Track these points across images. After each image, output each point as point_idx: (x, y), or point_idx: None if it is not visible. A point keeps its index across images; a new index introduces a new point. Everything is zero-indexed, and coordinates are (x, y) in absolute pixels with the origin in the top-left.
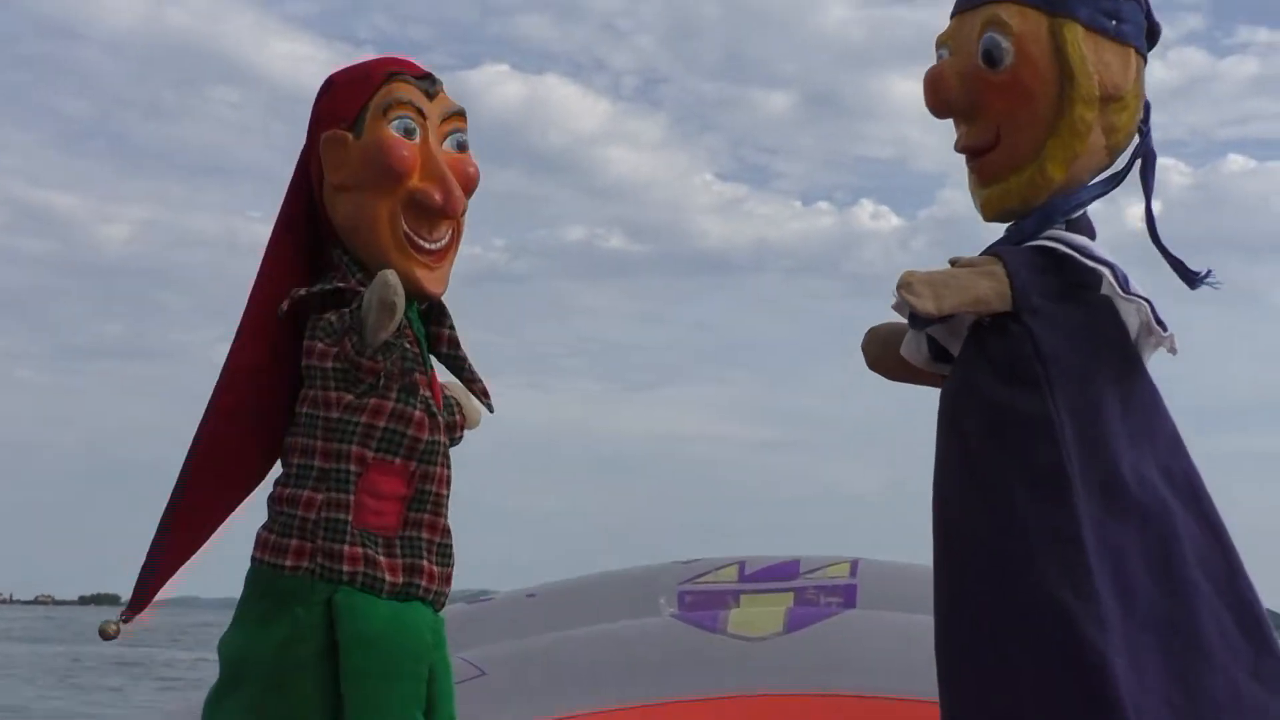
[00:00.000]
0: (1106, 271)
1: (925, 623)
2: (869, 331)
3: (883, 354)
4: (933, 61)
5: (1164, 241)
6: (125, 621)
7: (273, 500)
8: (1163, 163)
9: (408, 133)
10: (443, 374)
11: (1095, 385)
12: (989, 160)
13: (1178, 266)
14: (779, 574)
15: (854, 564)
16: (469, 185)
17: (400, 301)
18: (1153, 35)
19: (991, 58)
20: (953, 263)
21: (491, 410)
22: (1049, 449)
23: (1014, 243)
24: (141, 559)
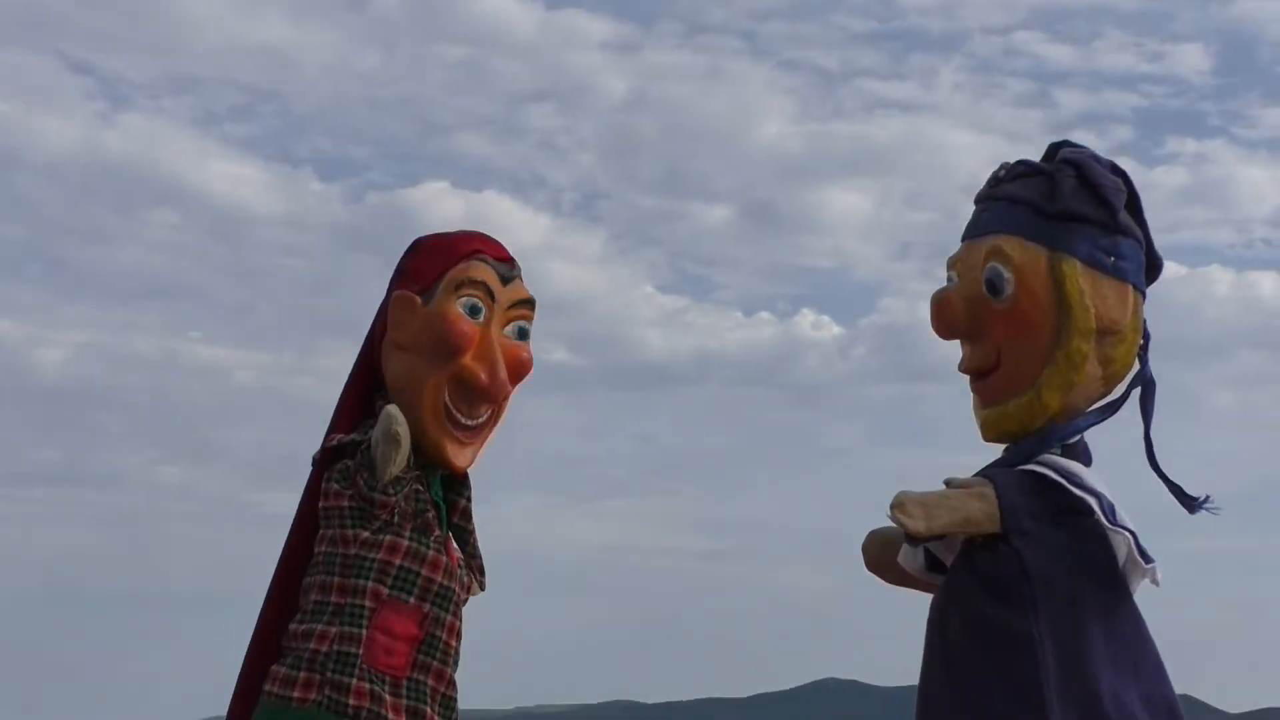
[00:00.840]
0: (1093, 501)
1: None
2: (870, 534)
3: (880, 556)
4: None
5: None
6: None
7: (288, 637)
8: None
9: (473, 312)
10: None
11: (1080, 608)
12: (990, 383)
13: (1176, 492)
14: None
15: None
16: (519, 371)
17: (403, 432)
18: (1153, 270)
19: (994, 286)
20: (947, 483)
21: (483, 587)
22: (1030, 667)
23: (1008, 465)
24: (71, 689)
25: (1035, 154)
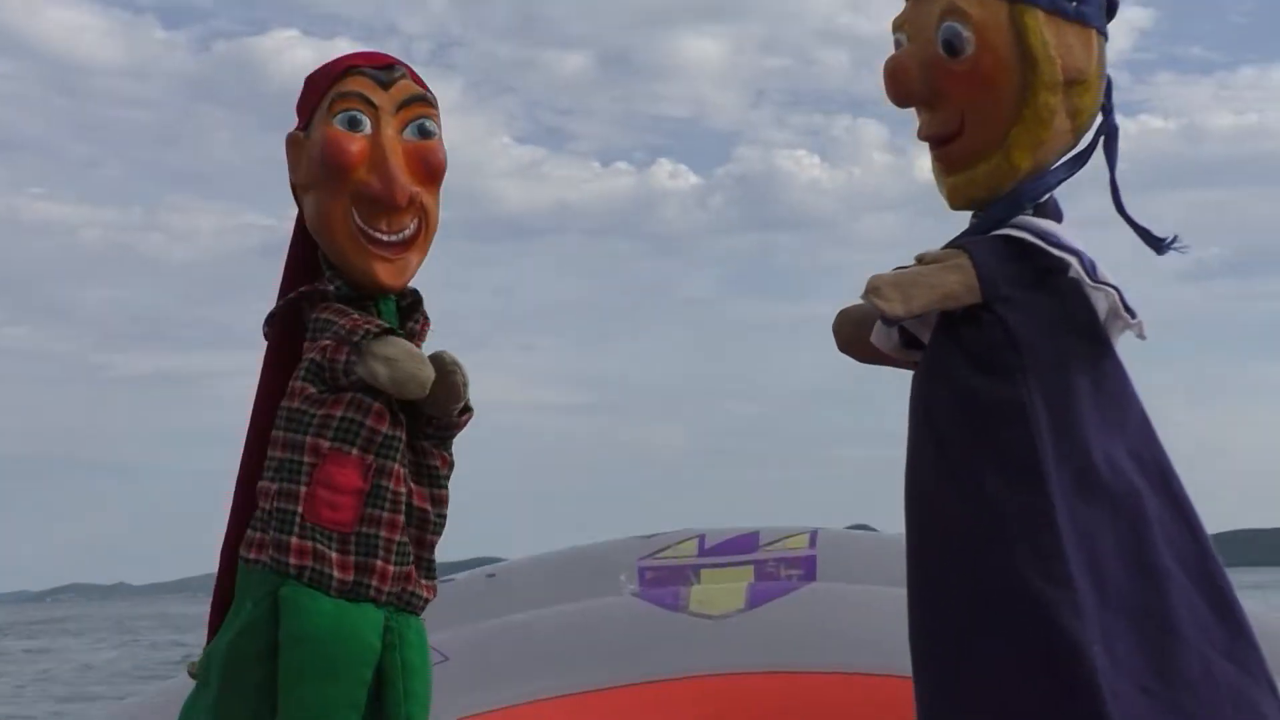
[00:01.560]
0: (1073, 259)
1: (885, 594)
2: (840, 313)
3: (855, 337)
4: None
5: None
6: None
7: (257, 495)
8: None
9: (353, 124)
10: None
11: (1068, 371)
12: (953, 149)
13: (1144, 234)
14: (738, 547)
15: (812, 535)
16: (431, 173)
17: (423, 393)
18: (1111, 9)
19: (952, 47)
20: (919, 259)
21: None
22: (1023, 435)
23: (980, 232)
24: None
25: None
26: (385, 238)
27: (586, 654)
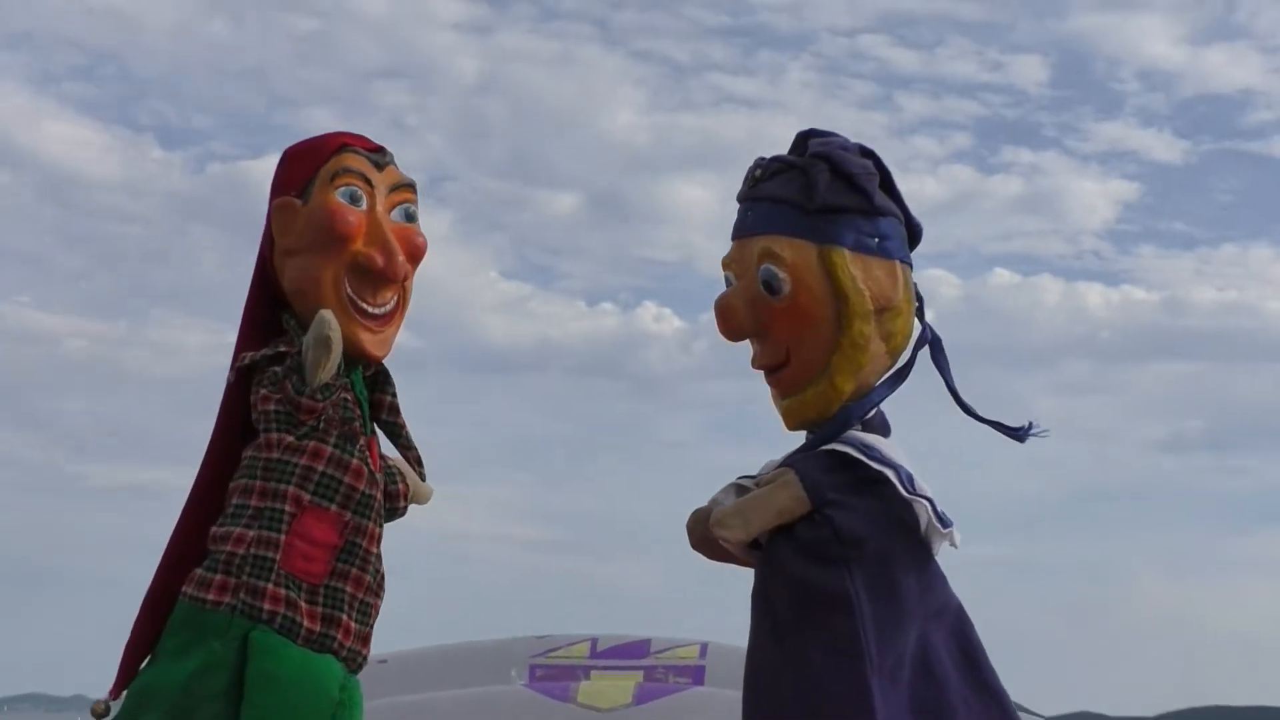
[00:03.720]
0: (890, 472)
1: None
2: (692, 515)
3: (704, 536)
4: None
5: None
6: (113, 699)
7: (210, 539)
8: (934, 274)
9: (354, 200)
10: (389, 449)
11: (891, 565)
12: (783, 376)
13: (999, 427)
14: (629, 653)
15: (703, 646)
16: (415, 254)
17: (336, 337)
18: (914, 238)
19: (771, 287)
20: (756, 483)
21: (423, 478)
22: (847, 621)
23: (811, 448)
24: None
25: (882, 157)
26: (371, 309)
27: None
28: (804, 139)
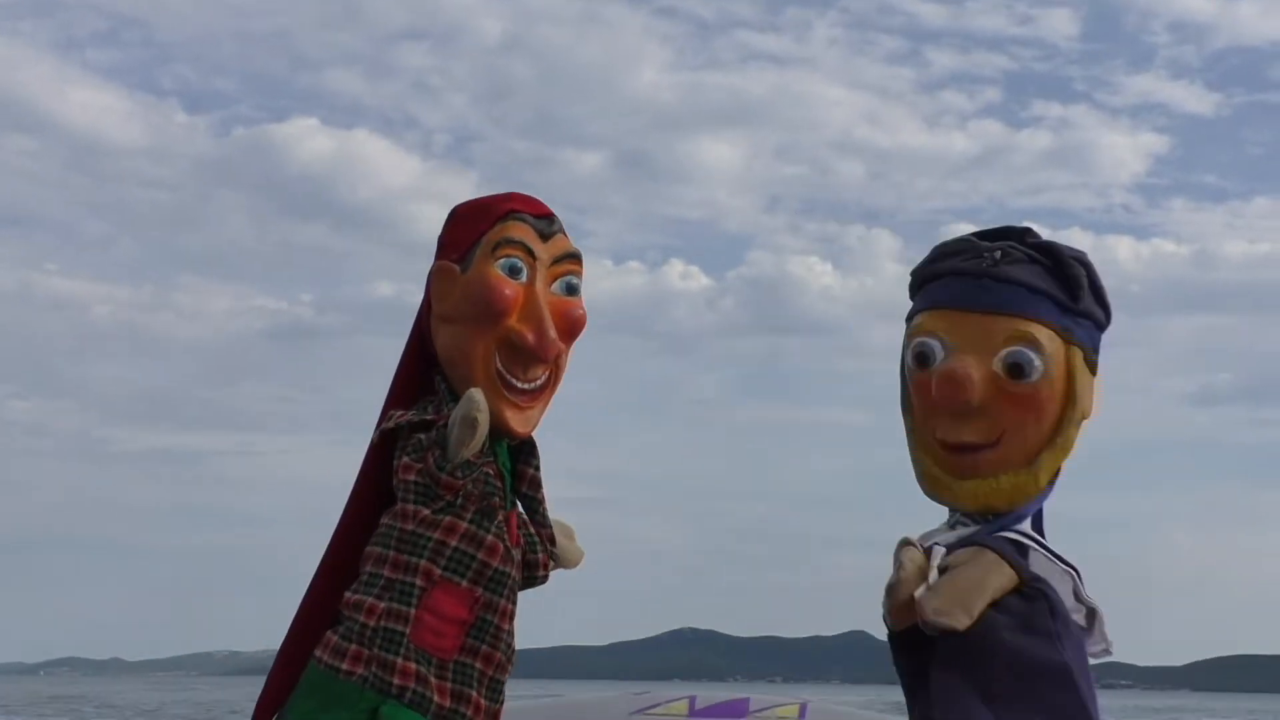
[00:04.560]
0: (1073, 573)
1: None
2: (893, 594)
3: (900, 608)
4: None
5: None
6: None
7: (343, 605)
8: (962, 229)
9: (513, 272)
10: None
11: (1082, 647)
12: (984, 458)
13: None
14: (729, 711)
15: (803, 706)
16: (573, 330)
17: (483, 419)
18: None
19: (1020, 370)
20: (942, 568)
21: (554, 558)
22: (1074, 695)
23: (990, 534)
24: None
25: (909, 113)
26: (521, 385)
27: None
28: (1019, 232)
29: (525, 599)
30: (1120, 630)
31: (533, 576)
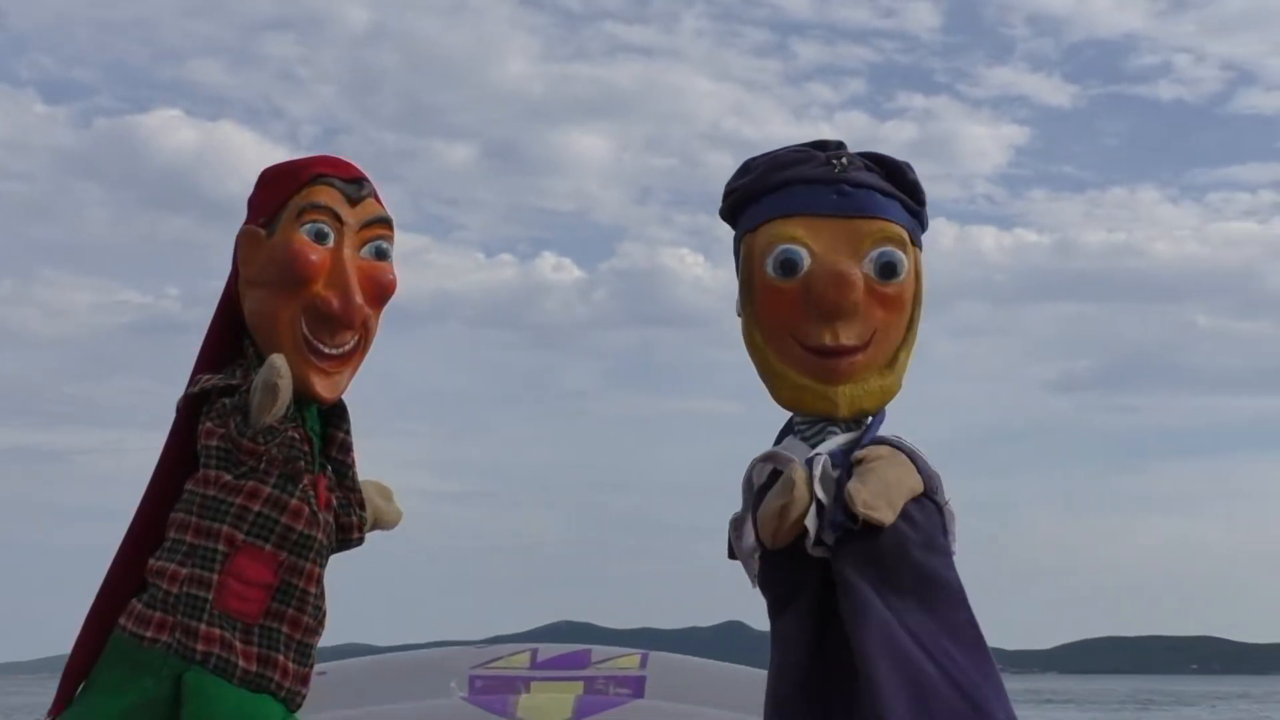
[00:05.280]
0: (937, 476)
1: (710, 716)
2: (770, 508)
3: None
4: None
5: None
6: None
7: (147, 572)
8: None
9: (319, 237)
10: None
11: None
12: (858, 360)
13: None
14: (570, 663)
15: (644, 656)
16: (381, 294)
17: (284, 385)
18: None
19: (891, 270)
20: (858, 459)
21: (364, 521)
22: (969, 616)
23: (869, 438)
24: None
25: (777, 105)
26: (327, 350)
27: None
28: (838, 146)
29: (412, 592)
30: (987, 614)
31: (347, 539)
